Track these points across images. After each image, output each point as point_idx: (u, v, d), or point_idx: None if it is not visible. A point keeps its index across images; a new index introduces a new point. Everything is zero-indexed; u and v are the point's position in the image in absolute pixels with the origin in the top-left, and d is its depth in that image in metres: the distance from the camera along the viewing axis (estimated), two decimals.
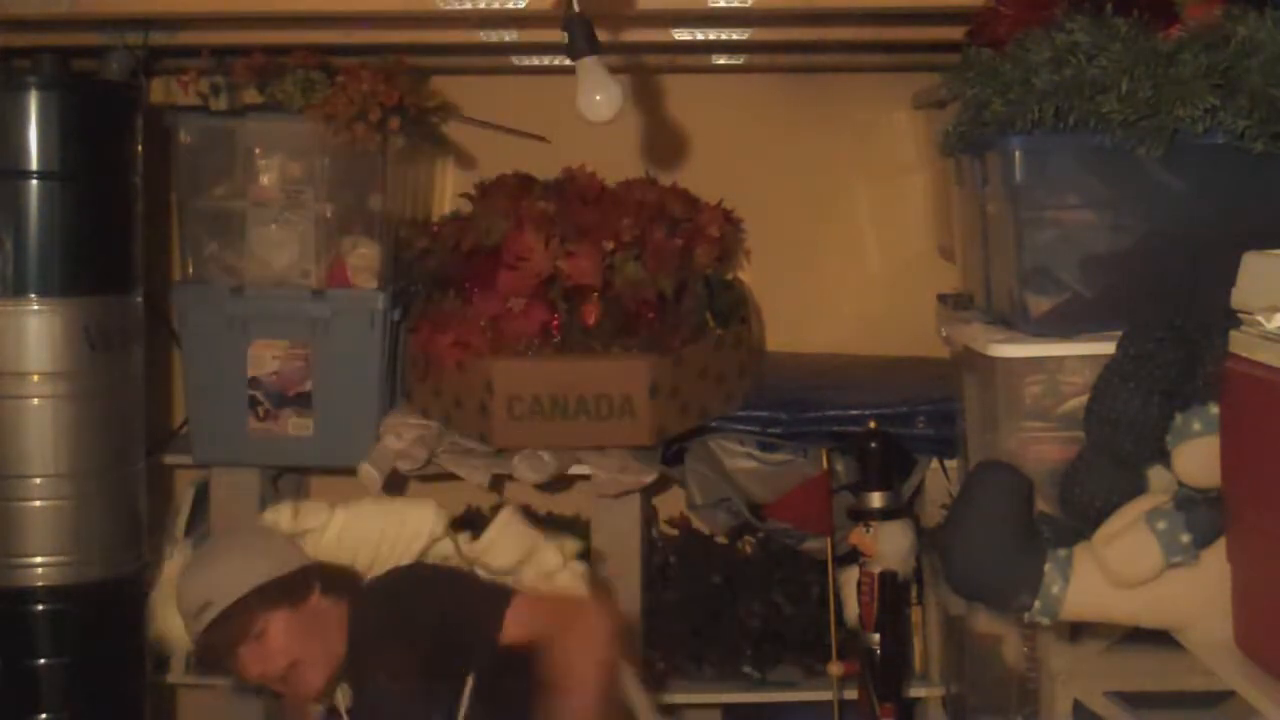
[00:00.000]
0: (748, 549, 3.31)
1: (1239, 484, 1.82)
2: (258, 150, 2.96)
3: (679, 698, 3.08)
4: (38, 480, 2.61)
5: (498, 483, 3.10)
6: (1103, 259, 2.11)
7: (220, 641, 2.23)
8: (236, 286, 2.98)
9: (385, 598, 2.28)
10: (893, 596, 2.83)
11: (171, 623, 2.37)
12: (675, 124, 3.27)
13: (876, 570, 2.82)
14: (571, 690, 2.09)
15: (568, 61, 2.27)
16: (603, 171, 3.19)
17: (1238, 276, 1.80)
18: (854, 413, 2.96)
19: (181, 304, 3.00)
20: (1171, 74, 1.96)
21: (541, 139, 3.24)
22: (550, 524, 3.09)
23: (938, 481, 3.03)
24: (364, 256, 2.98)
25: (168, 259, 3.17)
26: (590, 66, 2.23)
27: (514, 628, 2.17)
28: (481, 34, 2.77)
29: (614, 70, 2.27)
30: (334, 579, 2.31)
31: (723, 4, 2.52)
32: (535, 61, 3.10)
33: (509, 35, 2.78)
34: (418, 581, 2.31)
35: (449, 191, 3.41)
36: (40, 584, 2.62)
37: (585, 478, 2.96)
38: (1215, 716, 2.38)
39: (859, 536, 2.83)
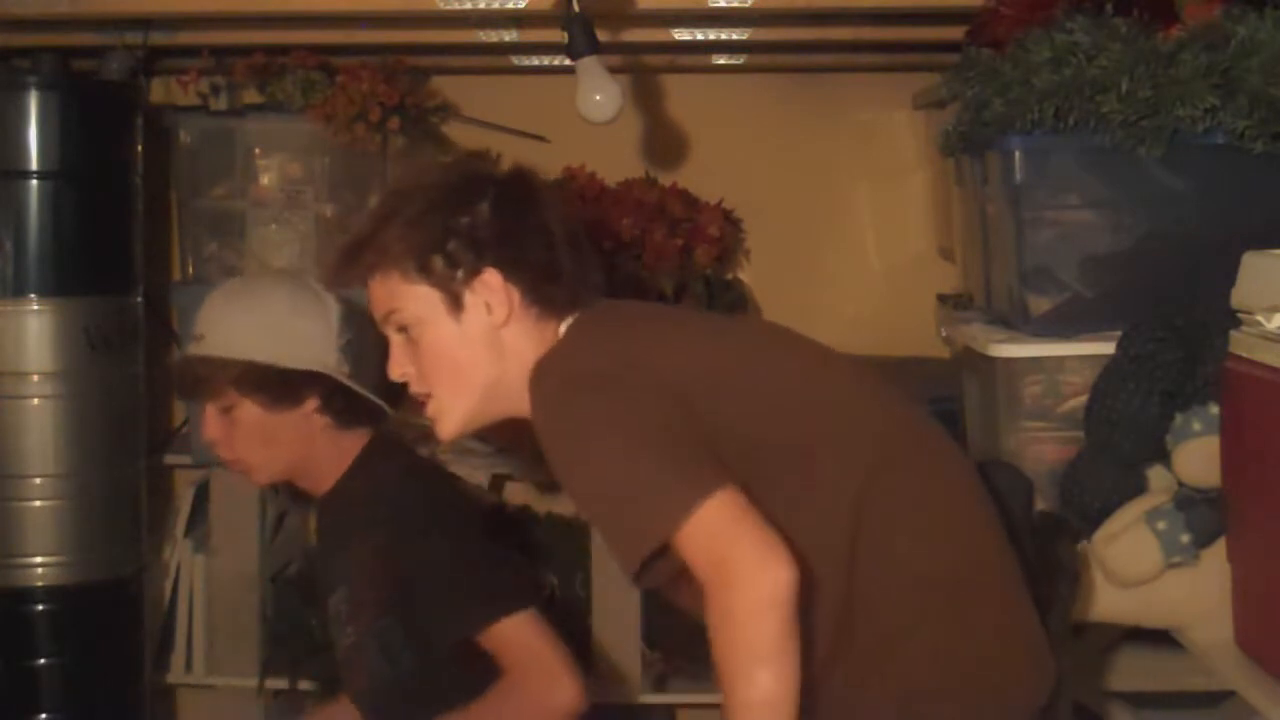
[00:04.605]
0: None
1: (1239, 484, 1.83)
2: (258, 150, 2.96)
3: (679, 698, 3.07)
4: (38, 480, 2.61)
5: (498, 483, 3.09)
6: (1103, 259, 2.12)
7: (190, 381, 2.09)
8: None
9: (397, 519, 2.04)
10: None
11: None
12: (675, 124, 3.27)
13: None
14: None
15: (568, 61, 2.27)
16: (603, 171, 3.19)
17: (1238, 276, 1.80)
18: None
19: (181, 304, 3.00)
20: (1171, 74, 1.96)
21: (541, 139, 3.23)
22: (550, 524, 3.09)
23: None
24: None
25: (168, 259, 3.17)
26: (590, 66, 2.23)
27: (489, 640, 1.94)
28: (481, 34, 2.77)
29: (614, 70, 2.27)
30: (351, 409, 2.09)
31: (723, 4, 2.52)
32: (535, 61, 3.10)
33: (509, 35, 2.78)
34: (439, 530, 2.05)
35: None
36: (40, 584, 2.62)
37: None
38: (1215, 716, 2.38)
39: None
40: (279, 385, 2.06)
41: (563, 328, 1.66)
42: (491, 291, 1.63)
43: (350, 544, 2.08)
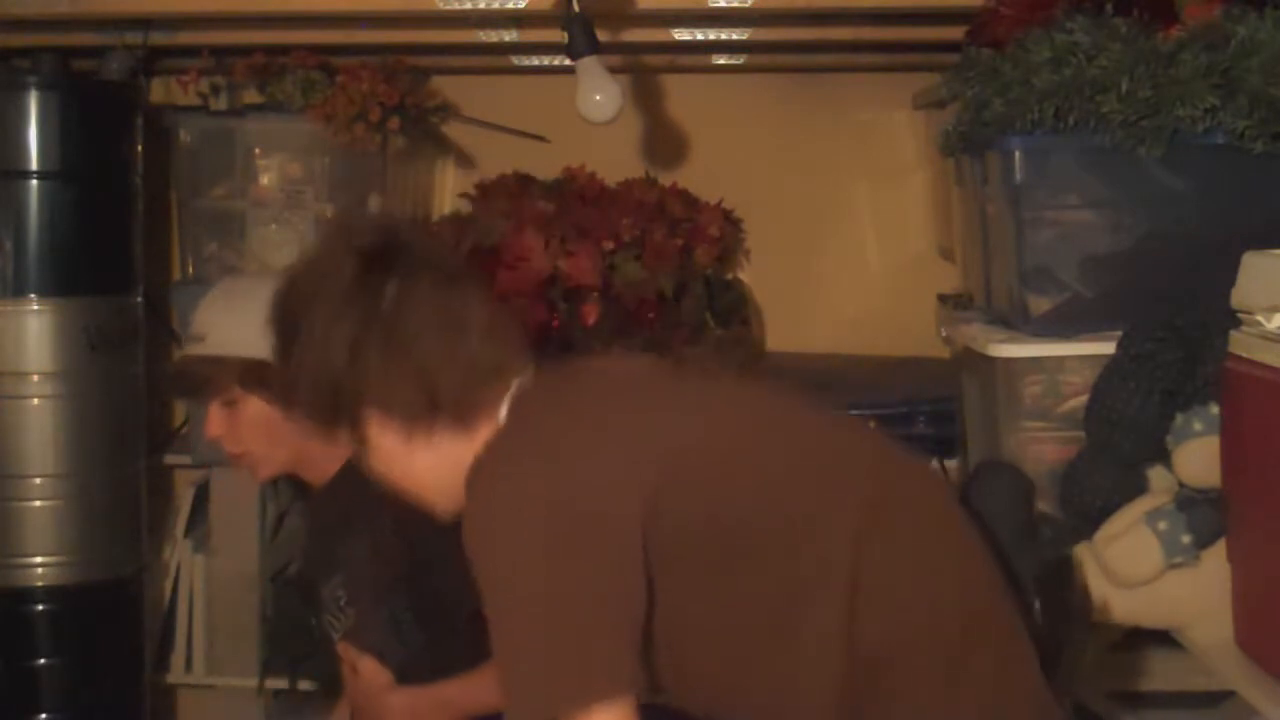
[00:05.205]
0: None
1: (1239, 484, 1.82)
2: (258, 150, 2.96)
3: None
4: (38, 480, 2.61)
5: None
6: (1103, 259, 2.12)
7: (192, 381, 2.10)
8: None
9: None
10: None
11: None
12: (675, 124, 3.27)
13: None
14: None
15: (568, 61, 2.27)
16: (603, 171, 3.19)
17: (1238, 276, 1.80)
18: (854, 413, 2.95)
19: (181, 304, 2.99)
20: (1171, 74, 1.96)
21: (541, 139, 3.23)
22: None
23: None
24: None
25: (168, 259, 3.17)
26: (590, 66, 2.23)
27: None
28: (481, 34, 2.77)
29: (614, 70, 2.27)
30: None
31: (723, 4, 2.51)
32: (535, 61, 3.10)
33: (509, 35, 2.78)
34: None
35: (449, 191, 3.40)
36: (40, 584, 2.62)
37: None
38: (1215, 716, 2.38)
39: None
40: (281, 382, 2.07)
41: (502, 409, 1.56)
42: (380, 429, 1.58)
43: (350, 530, 2.08)
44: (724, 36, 2.87)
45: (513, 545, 1.43)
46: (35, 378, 2.59)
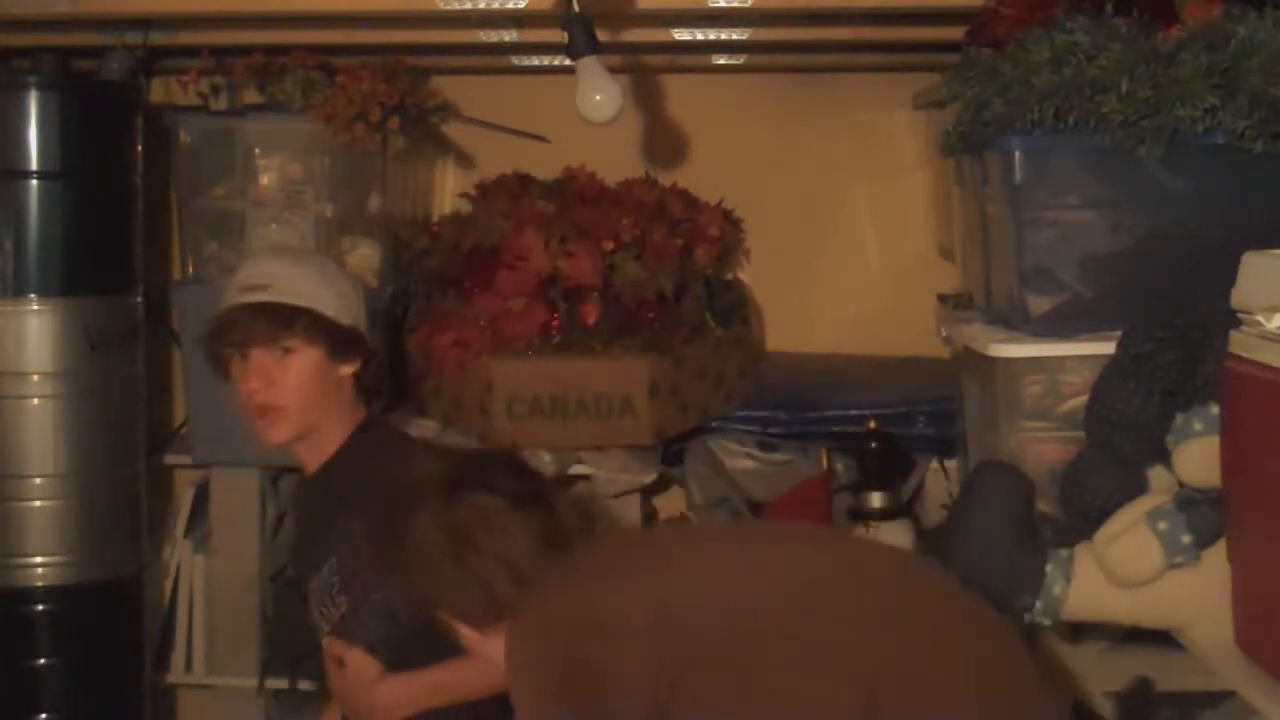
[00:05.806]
0: None
1: (1239, 484, 1.82)
2: (258, 150, 2.95)
3: None
4: (38, 480, 2.61)
5: None
6: (1103, 259, 2.11)
7: (246, 328, 2.10)
8: None
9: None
10: None
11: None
12: (675, 124, 3.27)
13: None
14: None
15: (568, 61, 2.27)
16: (603, 171, 3.19)
17: (1238, 276, 1.80)
18: (854, 413, 2.96)
19: (181, 304, 3.00)
20: (1171, 74, 1.96)
21: (541, 139, 3.24)
22: None
23: (938, 481, 3.03)
24: (364, 256, 2.98)
25: (168, 259, 3.18)
26: (590, 66, 2.23)
27: None
28: (481, 34, 2.77)
29: (614, 70, 2.27)
30: (372, 384, 2.22)
31: (723, 4, 2.51)
32: (535, 61, 3.10)
33: (509, 35, 2.78)
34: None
35: (449, 191, 3.41)
36: (40, 584, 2.63)
37: (585, 478, 2.96)
38: (1215, 716, 2.38)
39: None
40: (340, 339, 2.13)
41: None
42: (460, 629, 1.84)
43: (343, 517, 2.08)
44: (724, 36, 2.87)
45: (532, 687, 1.67)
46: (35, 378, 2.60)
